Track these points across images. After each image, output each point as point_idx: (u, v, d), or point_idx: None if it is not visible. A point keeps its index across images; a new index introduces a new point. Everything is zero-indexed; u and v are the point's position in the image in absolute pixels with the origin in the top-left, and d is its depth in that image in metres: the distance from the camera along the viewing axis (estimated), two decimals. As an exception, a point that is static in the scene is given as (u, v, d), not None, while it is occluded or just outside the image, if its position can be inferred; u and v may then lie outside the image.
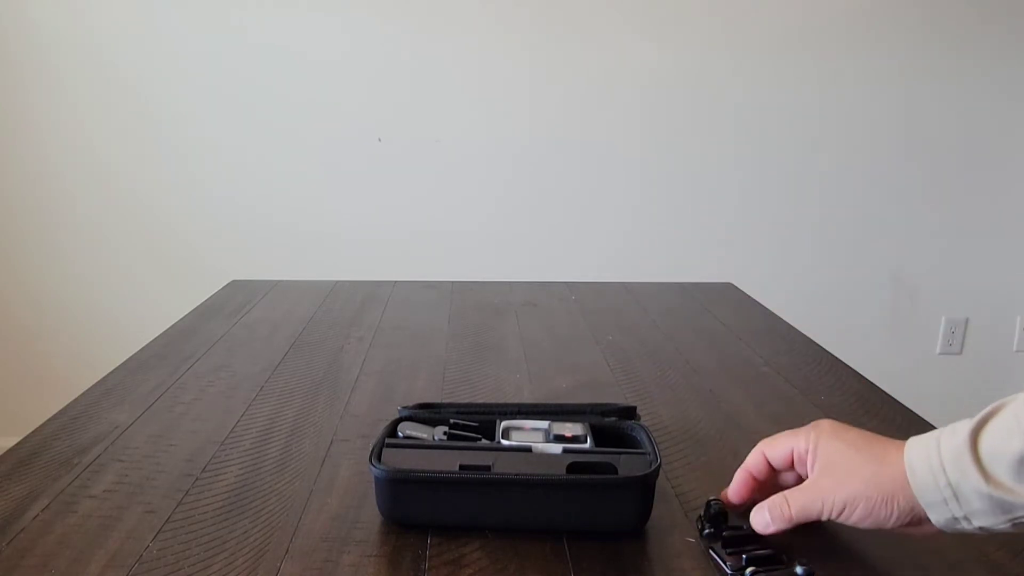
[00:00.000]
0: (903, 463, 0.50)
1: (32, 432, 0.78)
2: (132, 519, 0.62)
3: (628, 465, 0.60)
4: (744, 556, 0.55)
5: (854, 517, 0.52)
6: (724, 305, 1.31)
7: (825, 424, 0.57)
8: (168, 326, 1.15)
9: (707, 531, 0.60)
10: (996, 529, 0.47)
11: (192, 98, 2.13)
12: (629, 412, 0.71)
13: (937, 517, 0.49)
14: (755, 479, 0.60)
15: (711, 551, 0.58)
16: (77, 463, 0.71)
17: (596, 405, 0.71)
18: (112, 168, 2.16)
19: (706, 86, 2.20)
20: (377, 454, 0.61)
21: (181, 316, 1.20)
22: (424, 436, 0.65)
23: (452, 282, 1.41)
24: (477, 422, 0.67)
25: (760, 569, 0.54)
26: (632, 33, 2.15)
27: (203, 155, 2.17)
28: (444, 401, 0.86)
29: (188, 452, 0.74)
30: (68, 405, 0.85)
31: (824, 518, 0.54)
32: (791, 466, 0.59)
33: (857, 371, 0.99)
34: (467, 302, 1.30)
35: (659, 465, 0.60)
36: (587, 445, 0.63)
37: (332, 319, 1.20)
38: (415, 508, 0.60)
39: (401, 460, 0.60)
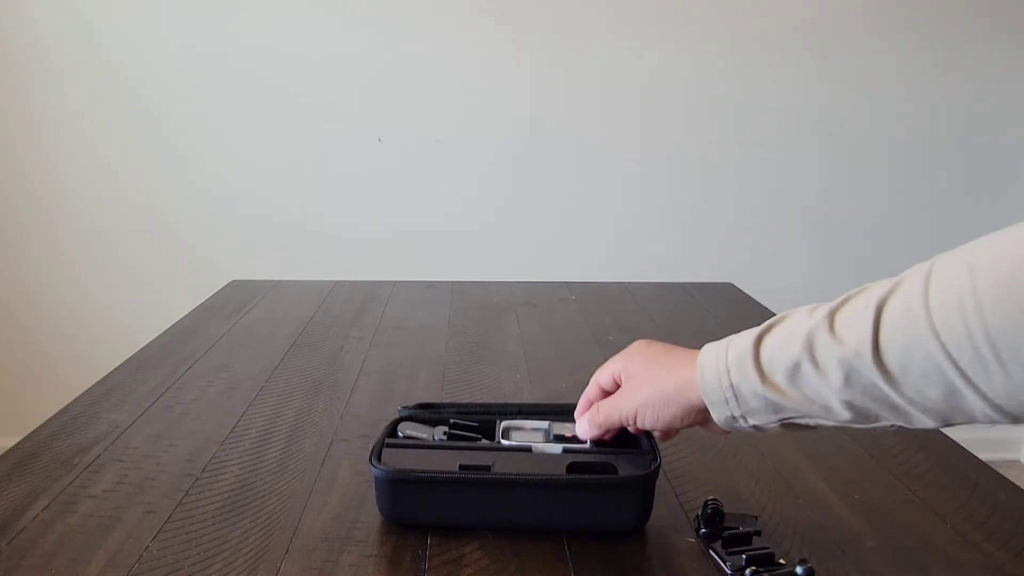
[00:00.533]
0: (695, 368, 0.55)
1: (32, 432, 0.78)
2: (132, 519, 0.62)
3: (628, 465, 0.60)
4: (744, 556, 0.55)
5: (647, 421, 0.58)
6: (724, 305, 1.31)
7: (636, 344, 0.62)
8: (168, 326, 1.15)
9: (703, 531, 0.60)
10: (767, 428, 0.53)
11: (192, 98, 2.13)
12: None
13: (718, 415, 0.53)
14: (591, 402, 0.64)
15: (711, 551, 0.58)
16: (77, 463, 0.71)
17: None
18: (112, 168, 2.16)
19: (706, 86, 2.20)
20: (377, 454, 0.61)
21: (181, 316, 1.20)
22: (424, 436, 0.65)
23: (452, 282, 1.41)
24: (477, 422, 0.67)
25: (760, 569, 0.54)
26: (632, 33, 2.15)
27: (203, 155, 2.17)
28: (444, 401, 0.86)
29: (188, 452, 0.74)
30: (68, 405, 0.85)
31: (626, 423, 0.60)
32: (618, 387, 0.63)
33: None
34: (467, 302, 1.30)
35: (659, 465, 0.60)
36: (587, 445, 0.63)
37: (332, 319, 1.20)
38: (415, 508, 0.60)
39: (401, 460, 0.60)
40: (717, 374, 0.53)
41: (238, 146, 2.16)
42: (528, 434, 0.64)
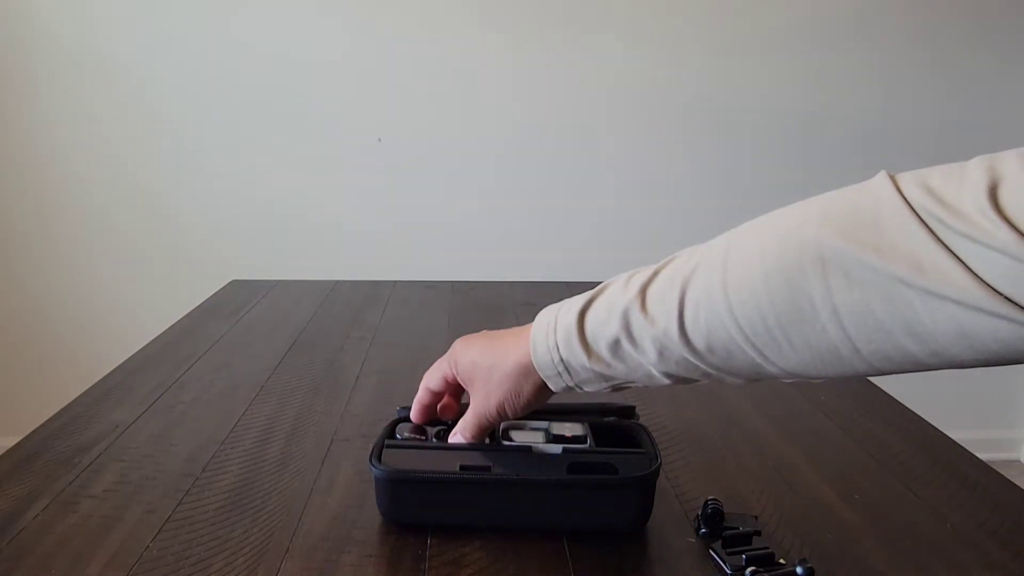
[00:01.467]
0: (527, 347, 0.56)
1: (32, 432, 0.78)
2: (132, 519, 0.62)
3: (628, 465, 0.60)
4: (744, 556, 0.55)
5: (510, 414, 0.60)
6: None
7: (457, 345, 0.63)
8: (168, 326, 1.15)
9: (703, 531, 0.60)
10: (602, 392, 0.56)
11: (192, 98, 2.13)
12: (627, 412, 0.71)
13: (555, 386, 0.56)
14: (429, 406, 0.66)
15: (711, 551, 0.58)
16: (77, 463, 0.71)
17: (595, 405, 0.70)
18: (112, 168, 2.16)
19: (707, 86, 2.20)
20: (377, 454, 0.61)
21: (181, 316, 1.20)
22: (422, 437, 0.65)
23: (452, 282, 1.41)
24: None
25: (760, 569, 0.54)
26: (634, 34, 2.15)
27: (203, 155, 2.17)
28: (444, 401, 0.86)
29: (188, 452, 0.74)
30: (68, 405, 0.85)
31: (494, 425, 0.62)
32: (454, 390, 0.65)
33: (857, 371, 0.99)
34: (467, 302, 1.30)
35: (659, 465, 0.60)
36: (587, 445, 0.63)
37: (332, 319, 1.20)
38: (415, 508, 0.60)
39: (401, 460, 0.60)
40: (548, 351, 0.55)
41: (238, 146, 2.16)
42: (528, 434, 0.64)
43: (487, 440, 0.63)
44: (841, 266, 0.40)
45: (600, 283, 0.56)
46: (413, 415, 0.66)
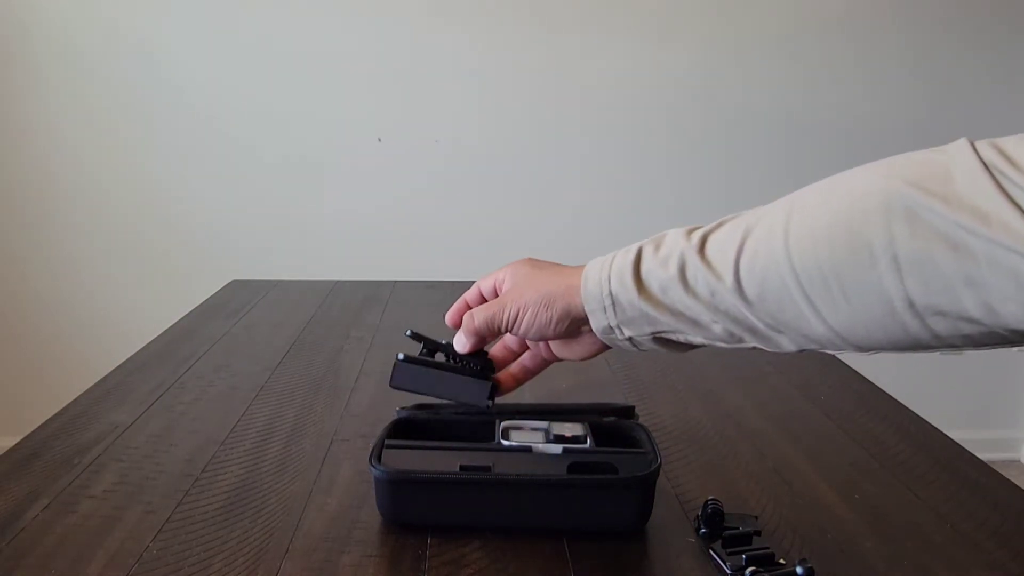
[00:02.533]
0: (580, 277, 0.56)
1: (32, 432, 0.78)
2: (132, 519, 0.62)
3: (628, 465, 0.60)
4: (744, 556, 0.55)
5: (523, 324, 0.58)
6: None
7: (524, 259, 0.63)
8: (168, 326, 1.15)
9: (703, 531, 0.60)
10: (640, 341, 0.55)
11: (191, 97, 2.13)
12: (627, 412, 0.71)
13: (596, 323, 0.56)
14: (469, 305, 0.65)
15: (711, 551, 0.58)
16: (77, 463, 0.71)
17: (595, 405, 0.71)
18: (112, 168, 2.16)
19: (707, 87, 2.20)
20: (377, 455, 0.61)
21: (181, 316, 1.20)
22: (431, 357, 0.65)
23: (452, 282, 1.41)
24: (476, 424, 0.67)
25: (760, 569, 0.54)
26: (635, 34, 2.15)
27: (203, 155, 2.17)
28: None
29: (188, 452, 0.74)
30: (68, 405, 0.85)
31: (504, 327, 0.60)
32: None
33: (857, 371, 0.99)
34: (467, 302, 1.30)
35: (659, 465, 0.60)
36: (587, 445, 0.62)
37: (332, 319, 1.20)
38: (415, 509, 0.60)
39: (401, 461, 0.60)
40: (599, 284, 0.55)
41: (238, 146, 2.16)
42: (528, 434, 0.64)
43: (492, 438, 0.63)
44: (906, 213, 0.41)
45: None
46: (449, 314, 0.65)
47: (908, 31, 2.19)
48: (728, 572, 0.55)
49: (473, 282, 0.66)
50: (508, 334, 0.63)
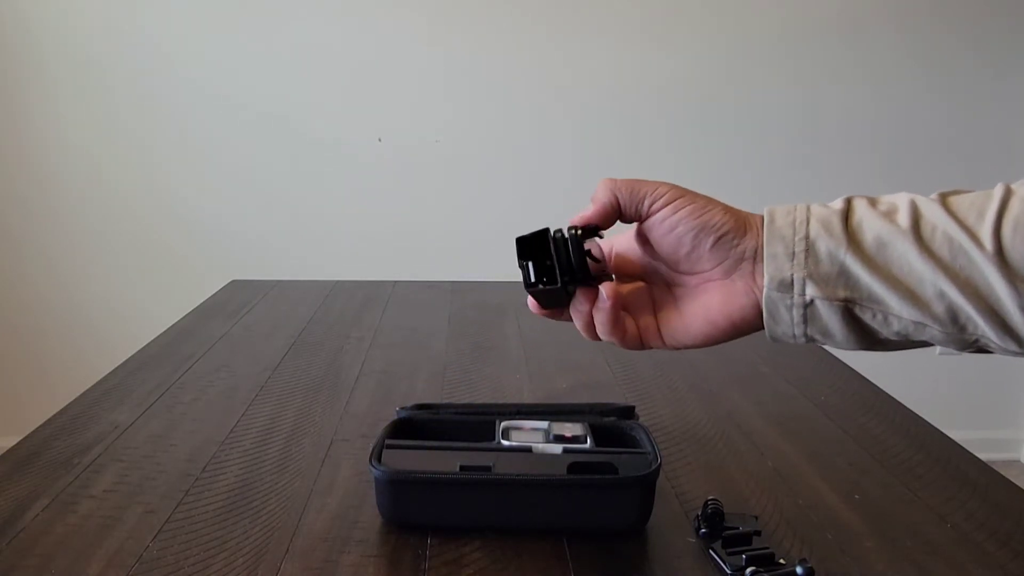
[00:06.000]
0: (759, 216, 0.45)
1: (32, 432, 0.78)
2: (132, 519, 0.62)
3: (628, 465, 0.60)
4: (744, 556, 0.55)
5: (670, 209, 0.45)
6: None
7: None
8: (168, 326, 1.15)
9: (703, 531, 0.60)
10: (821, 308, 0.43)
11: (192, 99, 2.13)
12: (627, 412, 0.71)
13: (773, 270, 0.43)
14: (595, 214, 0.50)
15: (711, 551, 0.58)
16: (77, 463, 0.71)
17: (595, 405, 0.71)
18: (112, 168, 2.16)
19: (708, 87, 2.20)
20: (377, 455, 0.61)
21: (181, 316, 1.20)
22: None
23: (452, 282, 1.41)
24: (476, 424, 0.67)
25: (760, 569, 0.54)
26: (636, 34, 2.15)
27: (204, 155, 2.17)
28: (443, 401, 0.86)
29: (188, 452, 0.74)
30: (68, 405, 0.85)
31: (645, 203, 0.46)
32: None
33: (857, 371, 0.99)
34: (467, 302, 1.30)
35: (659, 465, 0.60)
36: (587, 445, 0.62)
37: (332, 319, 1.20)
38: (415, 509, 0.60)
39: (401, 461, 0.60)
40: (791, 225, 0.43)
41: (239, 146, 2.17)
42: (528, 434, 0.64)
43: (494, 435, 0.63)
44: None
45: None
46: (577, 218, 0.51)
47: (908, 31, 2.19)
48: (728, 572, 0.55)
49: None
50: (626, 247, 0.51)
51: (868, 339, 0.43)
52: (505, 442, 0.63)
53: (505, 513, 0.60)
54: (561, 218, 0.54)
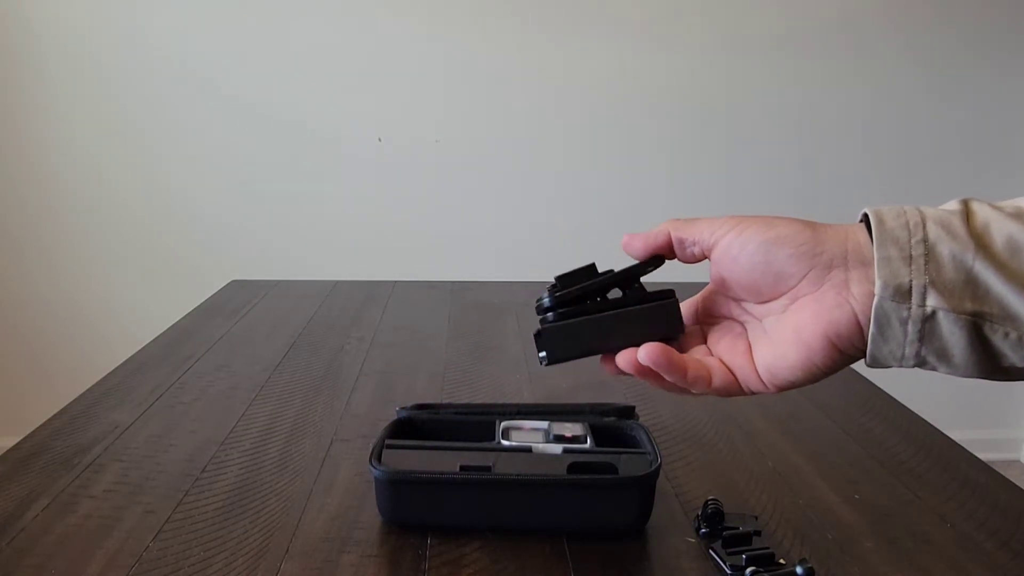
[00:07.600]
0: (857, 226, 0.40)
1: (32, 432, 0.78)
2: (132, 519, 0.62)
3: (628, 465, 0.60)
4: (744, 556, 0.55)
5: (745, 234, 0.41)
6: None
7: None
8: (168, 326, 1.15)
9: (704, 531, 0.60)
10: (944, 322, 0.37)
11: (192, 99, 2.13)
12: (627, 412, 0.71)
13: (886, 276, 0.37)
14: (651, 245, 0.49)
15: (711, 551, 0.58)
16: (77, 463, 0.71)
17: (595, 405, 0.71)
18: (112, 168, 2.16)
19: (707, 87, 2.20)
20: (377, 455, 0.61)
21: (181, 316, 1.20)
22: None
23: (452, 282, 1.41)
24: (476, 424, 0.67)
25: (760, 569, 0.54)
26: (636, 35, 2.15)
27: (204, 155, 2.17)
28: (444, 401, 0.86)
29: (188, 452, 0.74)
30: (68, 405, 0.85)
31: (705, 235, 0.44)
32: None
33: (857, 371, 0.99)
34: (467, 302, 1.30)
35: (659, 465, 0.60)
36: (587, 445, 0.63)
37: (332, 319, 1.20)
38: (415, 509, 0.60)
39: (401, 461, 0.60)
40: (903, 225, 0.37)
41: (238, 146, 2.16)
42: (528, 434, 0.64)
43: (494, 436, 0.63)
44: None
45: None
46: (629, 241, 0.49)
47: (908, 31, 2.19)
48: (728, 572, 0.55)
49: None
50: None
51: (991, 364, 0.37)
52: (505, 442, 0.63)
53: (505, 513, 0.60)
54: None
